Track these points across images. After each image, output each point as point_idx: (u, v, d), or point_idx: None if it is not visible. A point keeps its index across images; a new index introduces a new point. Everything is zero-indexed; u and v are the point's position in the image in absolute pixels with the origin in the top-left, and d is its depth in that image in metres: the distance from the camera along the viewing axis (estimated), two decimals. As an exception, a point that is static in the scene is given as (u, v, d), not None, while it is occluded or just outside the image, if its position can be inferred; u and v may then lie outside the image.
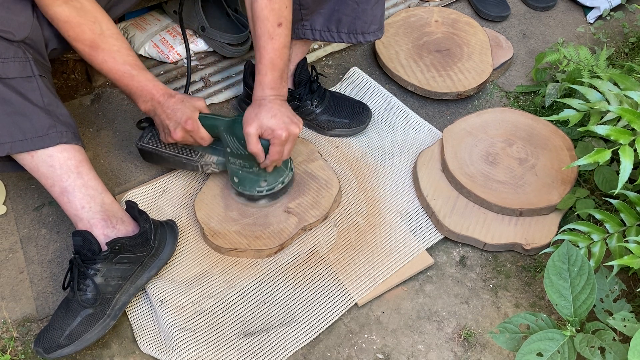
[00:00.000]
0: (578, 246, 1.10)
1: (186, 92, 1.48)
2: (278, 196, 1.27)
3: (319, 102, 1.43)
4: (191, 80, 1.57)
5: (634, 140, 1.04)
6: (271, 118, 1.12)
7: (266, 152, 1.15)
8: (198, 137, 1.19)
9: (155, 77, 1.17)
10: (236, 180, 1.24)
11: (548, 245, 1.22)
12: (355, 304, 1.17)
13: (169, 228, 1.19)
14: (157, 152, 1.27)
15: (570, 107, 1.23)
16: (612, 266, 1.05)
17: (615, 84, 1.26)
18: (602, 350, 0.94)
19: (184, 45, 1.59)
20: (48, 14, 1.04)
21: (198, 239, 1.25)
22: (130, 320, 1.14)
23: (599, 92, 1.22)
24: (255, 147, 1.13)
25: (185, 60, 1.61)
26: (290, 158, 1.26)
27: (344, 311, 1.15)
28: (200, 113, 1.18)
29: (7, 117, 0.99)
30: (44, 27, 1.07)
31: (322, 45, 1.69)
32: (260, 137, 1.13)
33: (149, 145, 1.27)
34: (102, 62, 1.10)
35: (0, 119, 0.99)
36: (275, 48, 1.13)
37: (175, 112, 1.16)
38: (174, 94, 1.17)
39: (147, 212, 1.16)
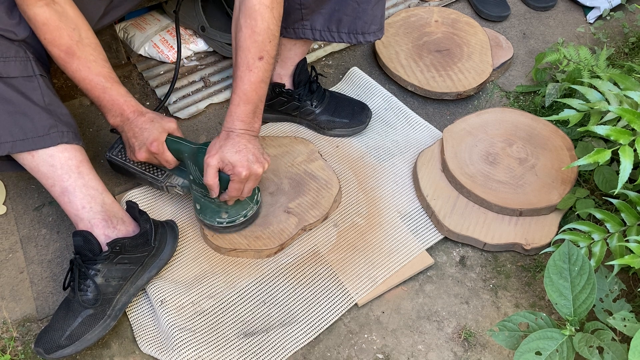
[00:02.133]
0: (579, 246, 1.10)
1: (168, 95, 1.47)
2: (240, 228, 1.22)
3: (318, 102, 1.43)
4: (191, 81, 1.57)
5: (634, 140, 1.04)
6: (235, 153, 1.08)
7: (226, 186, 1.11)
8: (163, 160, 1.16)
9: (128, 92, 1.14)
10: (198, 207, 1.20)
11: (548, 245, 1.22)
12: (355, 304, 1.17)
13: (169, 228, 1.19)
14: (124, 167, 1.25)
15: (570, 107, 1.23)
16: (612, 266, 1.05)
17: (615, 84, 1.26)
18: (601, 350, 0.94)
19: (184, 45, 1.59)
20: (27, 14, 1.01)
21: (198, 239, 1.25)
22: (130, 320, 1.14)
23: (599, 92, 1.22)
24: (211, 180, 1.09)
25: (185, 60, 1.61)
26: (258, 190, 1.23)
27: (344, 311, 1.15)
28: (168, 135, 1.15)
29: (8, 117, 0.99)
30: None
31: (322, 45, 1.69)
32: (221, 171, 1.10)
33: (117, 157, 1.25)
34: (75, 70, 1.07)
35: (1, 118, 0.99)
36: (252, 81, 1.10)
37: (143, 131, 1.13)
38: (145, 112, 1.14)
39: (147, 212, 1.16)
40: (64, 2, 1.04)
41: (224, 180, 1.10)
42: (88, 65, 1.07)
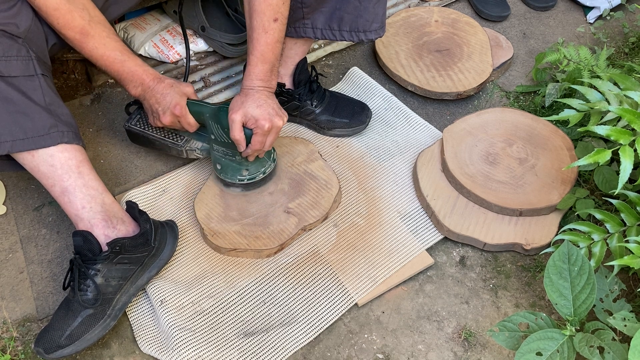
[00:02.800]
0: (578, 246, 1.10)
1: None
2: (259, 185, 1.29)
3: (318, 102, 1.43)
4: (191, 81, 1.57)
5: (634, 141, 1.04)
6: (256, 108, 1.14)
7: (248, 141, 1.17)
8: (185, 123, 1.21)
9: (143, 61, 1.18)
10: (218, 167, 1.26)
11: (548, 245, 1.22)
12: (355, 304, 1.17)
13: (169, 228, 1.19)
14: (144, 134, 1.29)
15: (570, 107, 1.23)
16: (612, 266, 1.05)
17: (615, 84, 1.26)
18: (601, 349, 0.94)
19: (184, 45, 1.59)
20: (37, 2, 1.03)
21: (198, 239, 1.25)
22: (130, 320, 1.14)
23: (599, 92, 1.22)
24: (238, 134, 1.15)
25: (185, 60, 1.61)
26: (273, 149, 1.30)
27: (344, 311, 1.15)
28: (188, 99, 1.20)
29: (9, 116, 0.99)
30: (43, 22, 1.07)
31: (322, 45, 1.69)
32: (243, 126, 1.15)
33: (136, 127, 1.29)
34: (92, 49, 1.11)
35: (1, 117, 0.99)
36: (268, 42, 1.15)
37: (165, 96, 1.18)
38: (164, 78, 1.19)
39: (147, 212, 1.16)
40: None
41: (247, 135, 1.16)
42: (103, 42, 1.10)
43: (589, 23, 1.84)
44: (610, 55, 1.64)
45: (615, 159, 1.21)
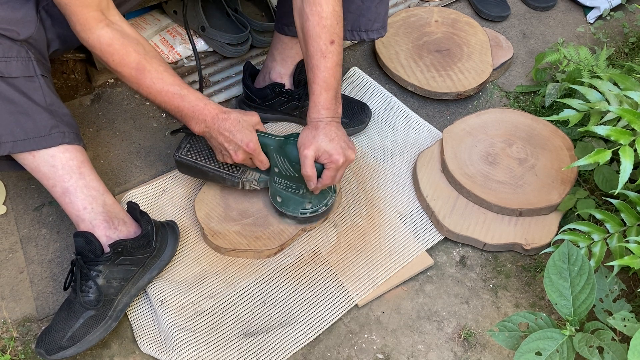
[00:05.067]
0: (578, 246, 1.10)
1: (200, 89, 1.48)
2: (320, 218, 1.25)
3: (319, 102, 1.43)
4: (190, 81, 1.57)
5: (634, 141, 1.04)
6: (329, 142, 1.10)
7: (318, 175, 1.13)
8: (258, 161, 1.16)
9: (203, 95, 1.12)
10: (279, 200, 1.21)
11: (548, 245, 1.22)
12: (355, 304, 1.17)
13: (170, 229, 1.19)
14: (196, 165, 1.21)
15: (570, 107, 1.23)
16: (612, 266, 1.05)
17: (615, 84, 1.26)
18: (601, 350, 0.94)
19: (184, 45, 1.59)
20: (90, 40, 1.00)
21: (198, 239, 1.25)
22: (130, 320, 1.14)
23: (599, 92, 1.22)
24: (309, 170, 1.10)
25: (185, 60, 1.61)
26: None
27: (344, 312, 1.15)
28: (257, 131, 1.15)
29: (10, 116, 0.99)
30: (47, 28, 1.07)
31: (322, 45, 1.69)
32: (315, 161, 1.11)
33: (187, 157, 1.21)
34: (150, 85, 1.05)
35: (2, 118, 0.99)
36: (328, 67, 1.10)
37: (234, 134, 1.10)
38: (227, 111, 1.11)
39: (147, 212, 1.16)
40: (120, 20, 1.04)
41: (318, 170, 1.12)
42: (161, 76, 1.05)
43: (589, 23, 1.84)
44: (610, 55, 1.64)
45: (615, 159, 1.21)
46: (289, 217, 1.23)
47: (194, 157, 1.21)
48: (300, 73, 1.41)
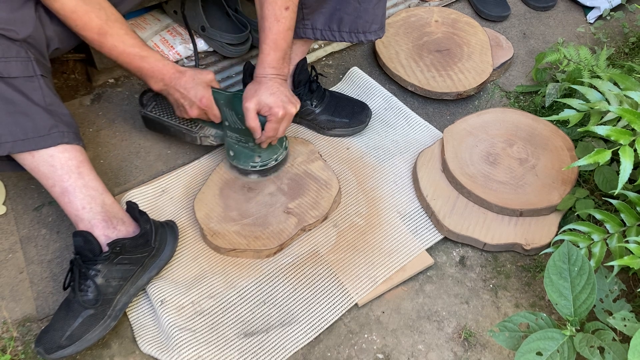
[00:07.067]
0: (578, 246, 1.10)
1: None
2: (269, 173, 1.31)
3: (318, 102, 1.43)
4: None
5: (634, 141, 1.04)
6: (270, 96, 1.16)
7: (262, 128, 1.19)
8: (212, 115, 1.24)
9: (162, 55, 1.19)
10: (232, 153, 1.29)
11: (548, 245, 1.22)
12: (355, 304, 1.17)
13: (169, 229, 1.19)
14: (159, 121, 1.32)
15: (570, 107, 1.24)
16: (612, 266, 1.05)
17: (615, 84, 1.26)
18: (602, 350, 0.94)
19: (184, 45, 1.59)
20: (54, 6, 1.04)
21: (198, 239, 1.25)
22: (130, 320, 1.14)
23: (599, 92, 1.22)
24: (253, 121, 1.18)
25: (185, 60, 1.61)
26: (285, 137, 1.32)
27: (344, 311, 1.15)
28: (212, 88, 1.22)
29: (9, 117, 0.99)
30: (46, 27, 1.07)
31: (322, 45, 1.69)
32: (257, 114, 1.18)
33: (152, 113, 1.32)
34: (111, 48, 1.11)
35: (2, 118, 0.99)
36: (280, 30, 1.16)
37: (189, 90, 1.19)
38: (184, 71, 1.20)
39: (147, 212, 1.16)
40: None
41: (261, 122, 1.19)
42: (122, 39, 1.11)
43: (589, 23, 1.84)
44: (610, 55, 1.64)
45: (615, 159, 1.21)
46: (240, 170, 1.30)
47: (158, 114, 1.32)
48: (300, 73, 1.41)
